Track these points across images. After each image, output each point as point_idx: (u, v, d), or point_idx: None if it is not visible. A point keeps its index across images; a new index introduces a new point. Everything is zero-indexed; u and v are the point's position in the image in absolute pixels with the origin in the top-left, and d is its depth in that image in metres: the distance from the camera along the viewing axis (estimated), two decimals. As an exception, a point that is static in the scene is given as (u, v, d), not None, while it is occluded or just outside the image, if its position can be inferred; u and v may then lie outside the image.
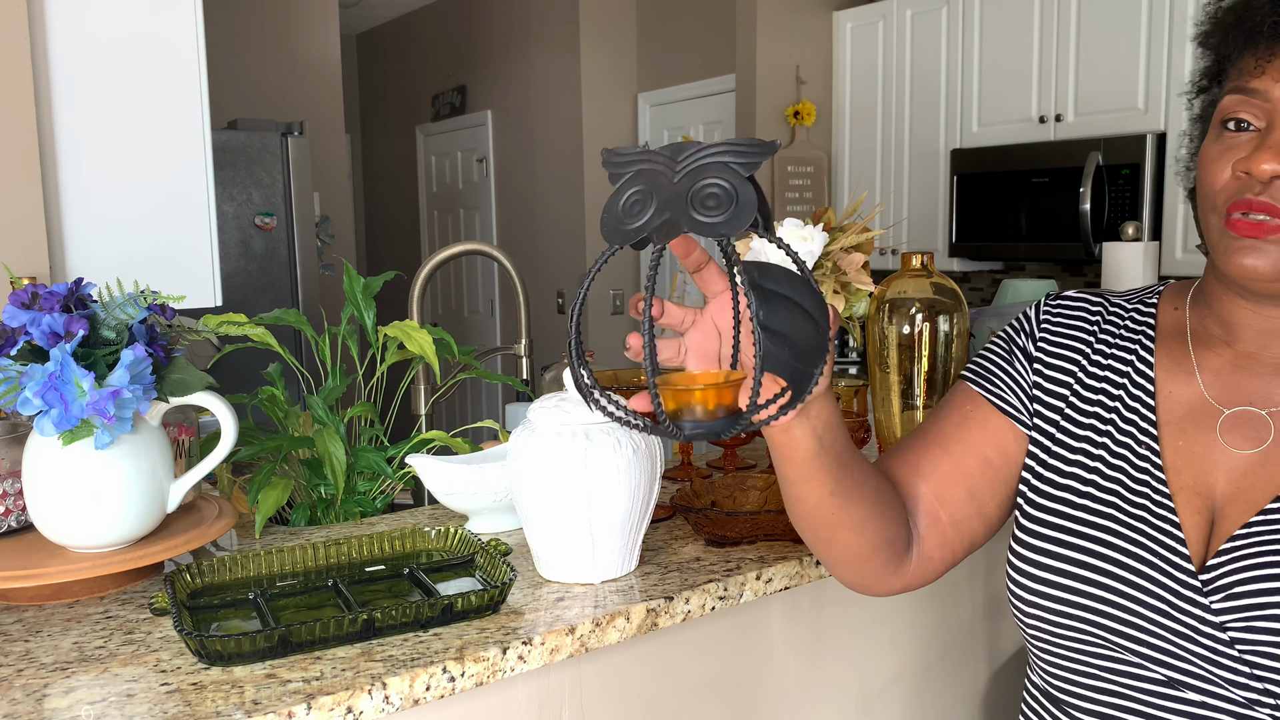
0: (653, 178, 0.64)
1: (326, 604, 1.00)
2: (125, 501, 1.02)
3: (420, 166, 6.47)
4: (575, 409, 1.02)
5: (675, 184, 0.63)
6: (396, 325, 1.40)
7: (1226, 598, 0.78)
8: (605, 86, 4.97)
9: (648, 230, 0.63)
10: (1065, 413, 0.91)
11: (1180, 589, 0.80)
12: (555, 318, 5.24)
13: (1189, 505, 0.83)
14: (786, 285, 0.70)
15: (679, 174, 0.63)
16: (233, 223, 3.48)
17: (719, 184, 0.62)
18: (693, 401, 0.67)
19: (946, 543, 0.93)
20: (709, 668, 1.15)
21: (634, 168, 0.65)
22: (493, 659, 0.89)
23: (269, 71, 4.32)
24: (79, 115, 1.94)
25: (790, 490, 0.85)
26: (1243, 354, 0.86)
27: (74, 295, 1.02)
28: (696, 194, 0.62)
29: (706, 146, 0.63)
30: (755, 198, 0.62)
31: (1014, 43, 3.59)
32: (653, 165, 0.65)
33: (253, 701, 0.80)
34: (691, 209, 0.62)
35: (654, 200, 0.63)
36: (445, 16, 6.02)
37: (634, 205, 0.64)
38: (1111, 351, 0.91)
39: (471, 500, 1.20)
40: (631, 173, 0.65)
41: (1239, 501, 0.81)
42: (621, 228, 0.64)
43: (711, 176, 0.62)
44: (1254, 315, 0.84)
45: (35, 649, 0.91)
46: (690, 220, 0.62)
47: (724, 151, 0.63)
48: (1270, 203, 0.76)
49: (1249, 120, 0.79)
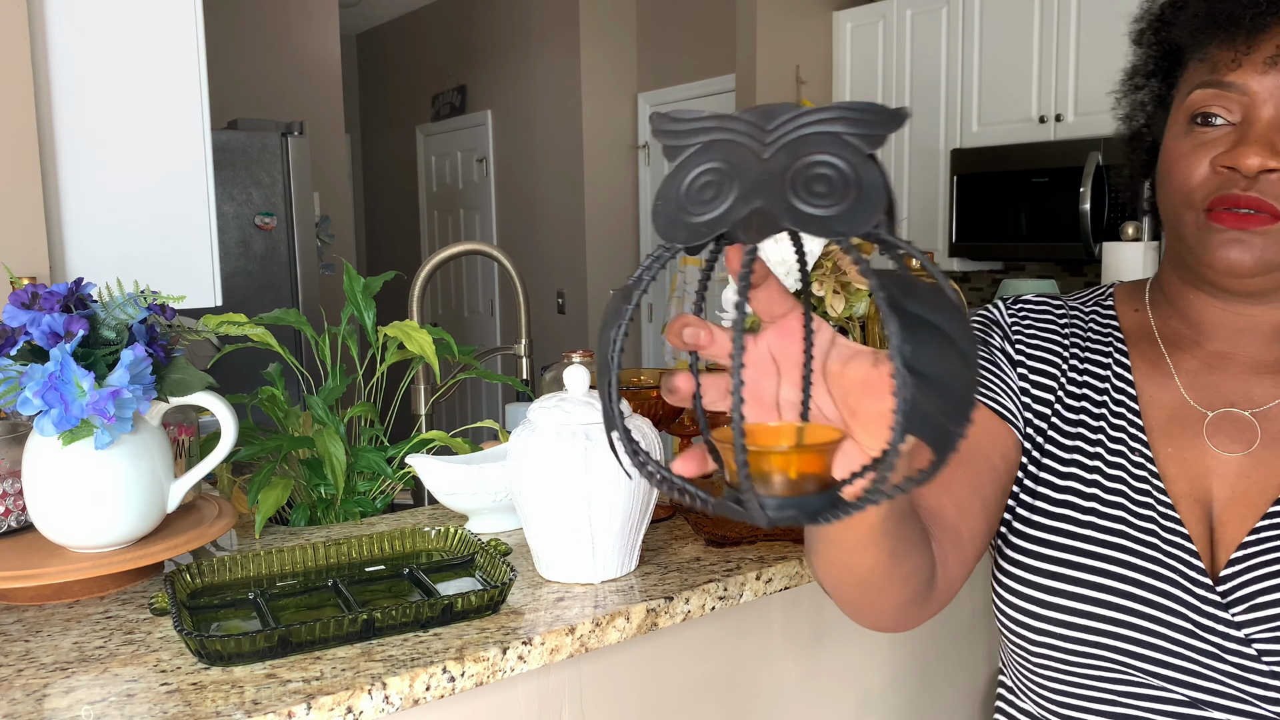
0: (731, 151, 0.47)
1: (326, 604, 1.00)
2: (125, 501, 1.02)
3: (420, 166, 6.47)
4: (575, 409, 1.02)
5: (766, 160, 0.46)
6: (396, 325, 1.40)
7: (1250, 608, 0.75)
8: (605, 86, 4.97)
9: (728, 223, 0.46)
10: (1051, 420, 0.87)
11: (1200, 604, 0.76)
12: (555, 318, 5.24)
13: (1190, 514, 0.80)
14: (934, 308, 0.48)
15: (771, 146, 0.46)
16: (233, 223, 3.48)
17: (831, 161, 0.45)
18: (770, 468, 0.48)
19: (965, 560, 0.83)
20: (709, 668, 1.15)
21: (702, 137, 0.48)
22: (493, 659, 0.89)
23: (269, 71, 4.32)
24: (79, 115, 1.94)
25: (840, 558, 0.69)
26: (1215, 354, 0.83)
27: (74, 295, 1.02)
28: (799, 174, 0.45)
29: (808, 112, 0.47)
30: (882, 182, 0.45)
31: (1014, 43, 3.59)
32: (731, 134, 0.47)
33: (253, 701, 0.80)
34: (793, 195, 0.45)
35: (735, 182, 0.46)
36: (445, 16, 6.02)
37: (705, 189, 0.47)
38: (1087, 355, 0.88)
39: (471, 500, 1.20)
40: (699, 144, 0.48)
41: (1237, 506, 0.79)
42: (687, 219, 0.47)
43: (819, 152, 0.45)
44: (1223, 313, 0.82)
45: (35, 649, 0.91)
46: (791, 211, 0.45)
47: (834, 118, 0.46)
48: (1259, 198, 0.74)
49: (1221, 115, 0.76)
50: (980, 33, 3.71)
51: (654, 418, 1.25)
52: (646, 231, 5.06)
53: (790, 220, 0.45)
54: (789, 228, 0.45)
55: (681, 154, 0.48)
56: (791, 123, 0.46)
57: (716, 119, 0.48)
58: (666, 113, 0.48)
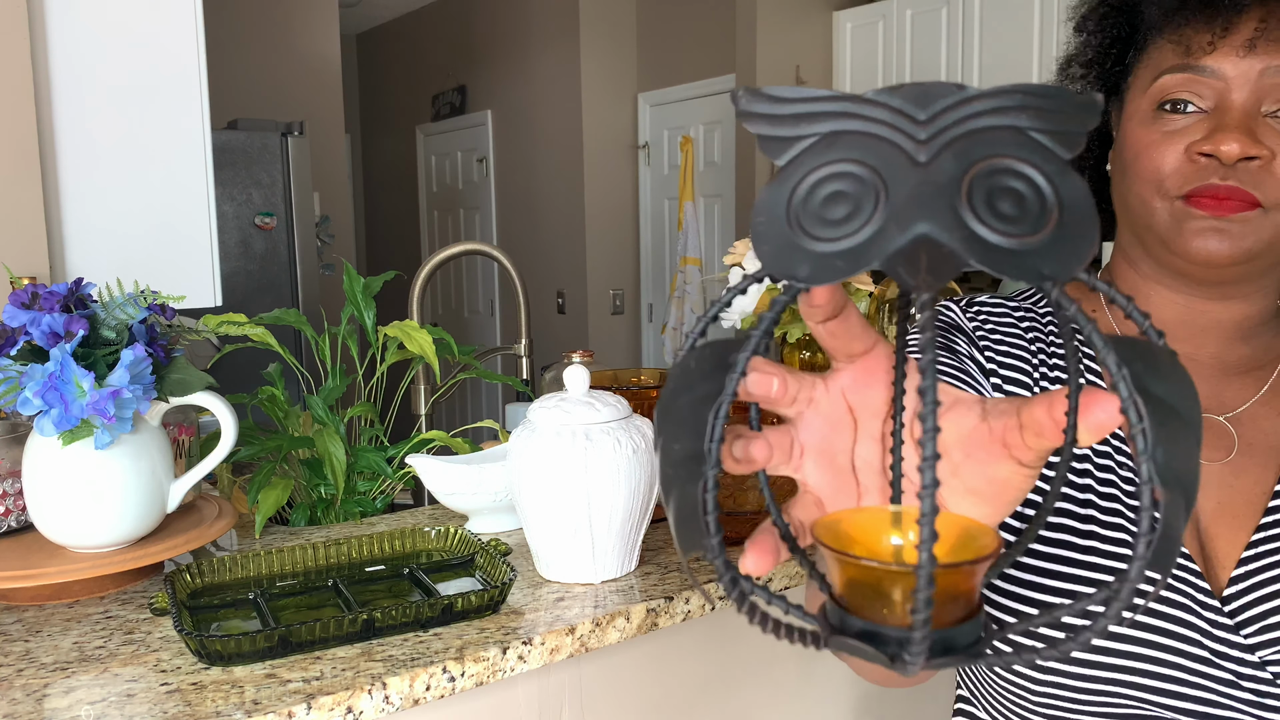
0: (871, 149, 0.33)
1: (326, 604, 1.00)
2: (125, 501, 1.02)
3: (420, 166, 6.47)
4: (575, 409, 1.02)
5: (924, 165, 0.33)
6: (396, 325, 1.40)
7: (1260, 629, 0.70)
8: (605, 86, 4.97)
9: (879, 257, 0.32)
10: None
11: (1211, 629, 0.71)
12: (555, 318, 5.24)
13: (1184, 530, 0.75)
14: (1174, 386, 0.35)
15: (931, 146, 0.33)
16: (233, 223, 3.48)
17: (1022, 171, 0.32)
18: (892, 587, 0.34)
19: None
20: (709, 668, 1.15)
21: (821, 125, 0.34)
22: (493, 659, 0.89)
23: (269, 71, 4.32)
24: (79, 115, 1.94)
25: None
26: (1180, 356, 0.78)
27: (74, 295, 1.02)
28: (978, 187, 0.32)
29: (980, 95, 0.33)
30: (1091, 203, 0.32)
31: (1014, 43, 3.59)
32: (866, 123, 0.34)
33: (253, 701, 0.80)
34: (972, 218, 0.32)
35: (882, 195, 0.33)
36: (445, 16, 6.02)
37: (833, 202, 0.33)
38: (1054, 362, 0.81)
39: (471, 500, 1.20)
40: (817, 136, 0.34)
41: (1225, 518, 0.75)
42: (810, 246, 0.33)
43: (1003, 155, 0.32)
44: (1186, 311, 0.78)
45: (35, 649, 0.91)
46: (972, 241, 0.31)
47: (1017, 107, 0.33)
48: (1237, 186, 0.70)
49: (1192, 101, 0.72)
50: (980, 33, 3.71)
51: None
52: (647, 231, 5.07)
53: (973, 254, 0.31)
54: (977, 263, 0.31)
55: (791, 149, 0.34)
56: (957, 110, 0.33)
57: (842, 100, 0.34)
58: (762, 90, 0.34)
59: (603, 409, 1.02)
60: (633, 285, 5.11)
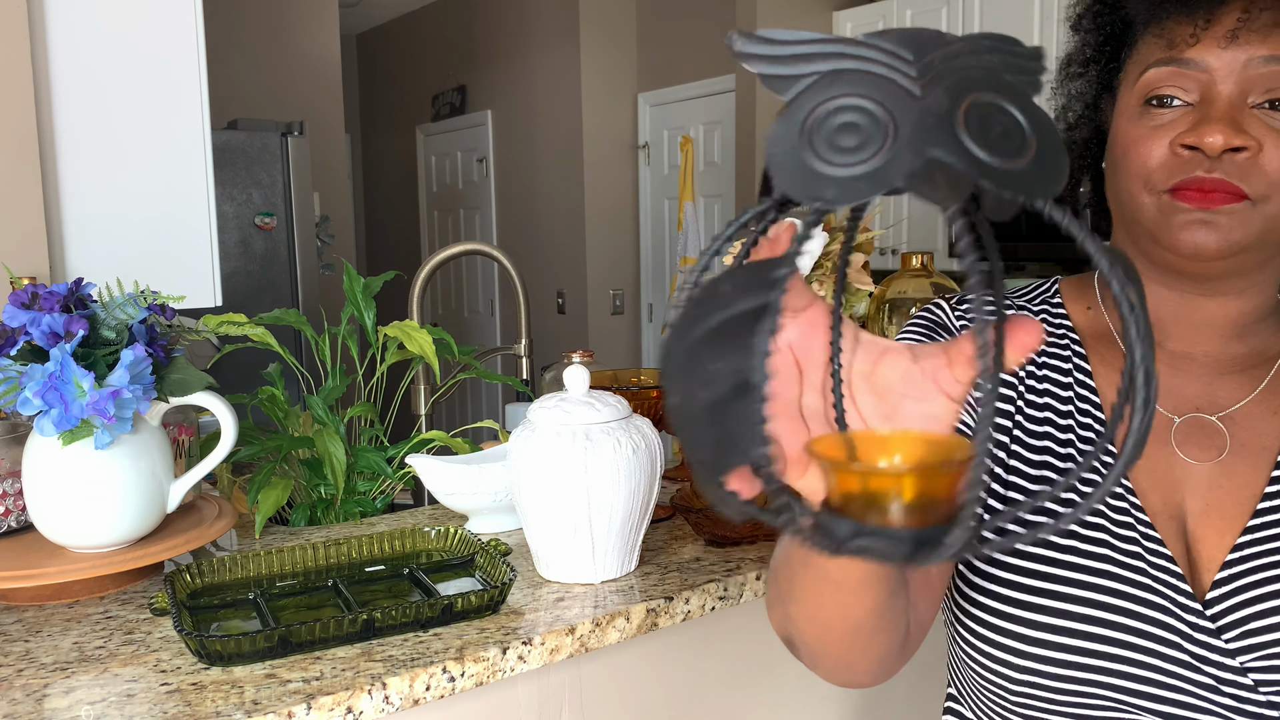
0: (873, 85, 0.36)
1: (326, 604, 1.00)
2: (125, 501, 1.02)
3: (420, 166, 6.47)
4: (575, 409, 1.02)
5: (921, 99, 0.36)
6: (396, 325, 1.40)
7: (1242, 634, 0.69)
8: (605, 86, 4.97)
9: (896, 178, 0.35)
10: (1014, 433, 0.79)
11: (1193, 632, 0.70)
12: (555, 318, 5.24)
13: (1167, 530, 0.73)
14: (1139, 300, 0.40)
15: (929, 81, 0.36)
16: (233, 223, 3.48)
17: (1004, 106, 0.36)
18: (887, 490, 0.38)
19: (934, 599, 0.76)
20: (709, 668, 1.15)
21: (822, 64, 0.37)
22: (493, 659, 0.89)
23: (269, 71, 4.32)
24: (79, 115, 1.94)
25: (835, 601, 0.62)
26: (1174, 354, 0.79)
27: (74, 295, 1.02)
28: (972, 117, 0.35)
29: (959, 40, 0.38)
30: (1056, 131, 0.37)
31: (1014, 43, 3.59)
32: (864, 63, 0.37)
33: (253, 701, 0.80)
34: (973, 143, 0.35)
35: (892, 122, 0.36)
36: (445, 16, 6.02)
37: (844, 132, 0.36)
38: (1045, 360, 0.81)
39: (471, 500, 1.20)
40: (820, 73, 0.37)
41: (1212, 520, 0.74)
42: (829, 172, 0.35)
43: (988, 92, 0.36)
44: (1179, 307, 0.78)
45: (35, 649, 0.91)
46: (976, 163, 0.35)
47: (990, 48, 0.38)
48: (1223, 179, 0.69)
49: (1178, 96, 0.72)
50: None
51: (654, 418, 1.25)
52: (647, 232, 5.07)
53: (979, 174, 0.34)
54: (981, 182, 0.35)
55: (796, 85, 0.37)
56: (940, 50, 0.37)
57: (837, 43, 0.37)
58: (756, 33, 0.37)
59: (603, 409, 1.02)
60: (633, 285, 5.11)
